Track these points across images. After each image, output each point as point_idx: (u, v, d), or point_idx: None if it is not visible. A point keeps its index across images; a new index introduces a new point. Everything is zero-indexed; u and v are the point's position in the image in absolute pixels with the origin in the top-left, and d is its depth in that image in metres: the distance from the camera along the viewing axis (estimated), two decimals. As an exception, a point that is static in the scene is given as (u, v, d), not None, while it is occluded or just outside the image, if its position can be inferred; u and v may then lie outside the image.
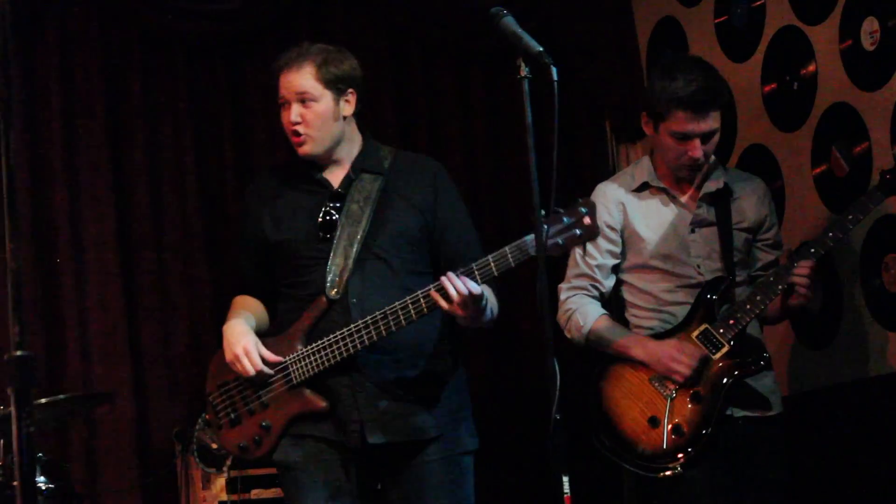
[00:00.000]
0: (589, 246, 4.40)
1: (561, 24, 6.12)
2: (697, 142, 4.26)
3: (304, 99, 3.99)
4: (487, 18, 3.37)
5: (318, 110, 4.00)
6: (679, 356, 4.23)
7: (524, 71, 3.26)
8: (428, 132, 6.18)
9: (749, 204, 4.47)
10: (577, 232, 3.52)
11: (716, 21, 5.78)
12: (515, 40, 3.30)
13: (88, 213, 5.68)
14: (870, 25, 4.94)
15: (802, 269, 4.21)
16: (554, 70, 3.23)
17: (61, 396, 4.86)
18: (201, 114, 5.94)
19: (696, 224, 4.41)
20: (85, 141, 5.71)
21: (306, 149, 4.03)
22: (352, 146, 4.10)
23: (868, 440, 4.92)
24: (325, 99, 4.01)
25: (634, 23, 6.25)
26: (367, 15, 6.05)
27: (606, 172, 5.96)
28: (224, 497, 5.22)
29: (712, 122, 4.26)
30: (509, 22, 3.35)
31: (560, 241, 3.53)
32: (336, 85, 4.02)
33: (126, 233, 5.75)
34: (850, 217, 4.25)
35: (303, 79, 3.99)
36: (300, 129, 4.00)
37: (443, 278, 3.72)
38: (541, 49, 3.26)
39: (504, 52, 3.51)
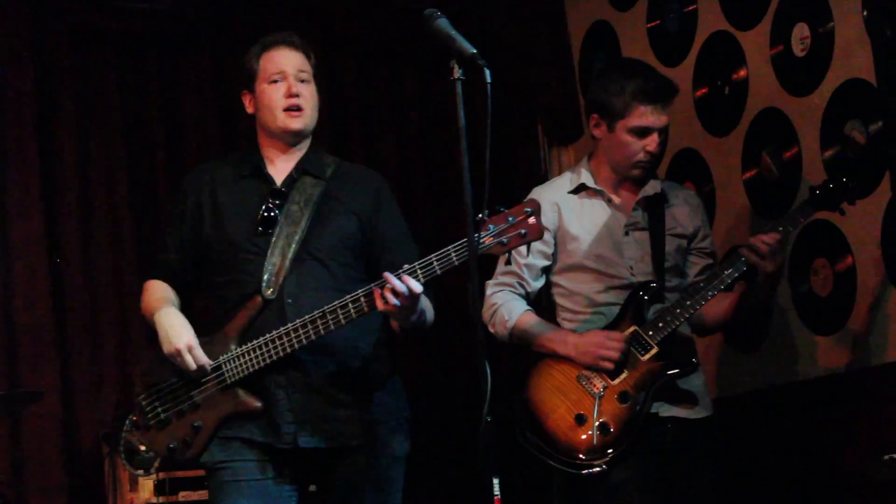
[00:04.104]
0: None
1: (494, 27, 6.13)
2: (656, 135, 4.31)
3: (302, 78, 4.01)
4: (422, 20, 3.36)
5: (312, 90, 4.04)
6: (605, 342, 4.23)
7: (457, 73, 3.26)
8: (361, 133, 6.17)
9: (682, 213, 4.48)
10: (522, 231, 3.53)
11: (648, 25, 5.82)
12: (449, 42, 3.29)
13: (16, 210, 5.62)
14: (800, 31, 4.99)
15: (766, 237, 4.19)
16: (487, 72, 3.23)
17: (-12, 395, 4.80)
18: (132, 112, 5.89)
19: (631, 227, 4.42)
20: (14, 137, 5.64)
21: (303, 123, 4.02)
22: (303, 146, 4.09)
23: (797, 443, 4.95)
24: (314, 84, 4.06)
25: (568, 26, 6.27)
26: (302, 16, 6.02)
27: (539, 174, 5.97)
28: (152, 499, 5.17)
29: (667, 117, 4.35)
30: (443, 24, 3.34)
31: (504, 241, 3.53)
32: (317, 79, 4.08)
33: (54, 231, 5.69)
34: (781, 229, 4.27)
35: (301, 59, 4.03)
36: (301, 101, 4.00)
37: (385, 274, 3.67)
38: (474, 51, 3.25)
39: (438, 54, 3.50)
